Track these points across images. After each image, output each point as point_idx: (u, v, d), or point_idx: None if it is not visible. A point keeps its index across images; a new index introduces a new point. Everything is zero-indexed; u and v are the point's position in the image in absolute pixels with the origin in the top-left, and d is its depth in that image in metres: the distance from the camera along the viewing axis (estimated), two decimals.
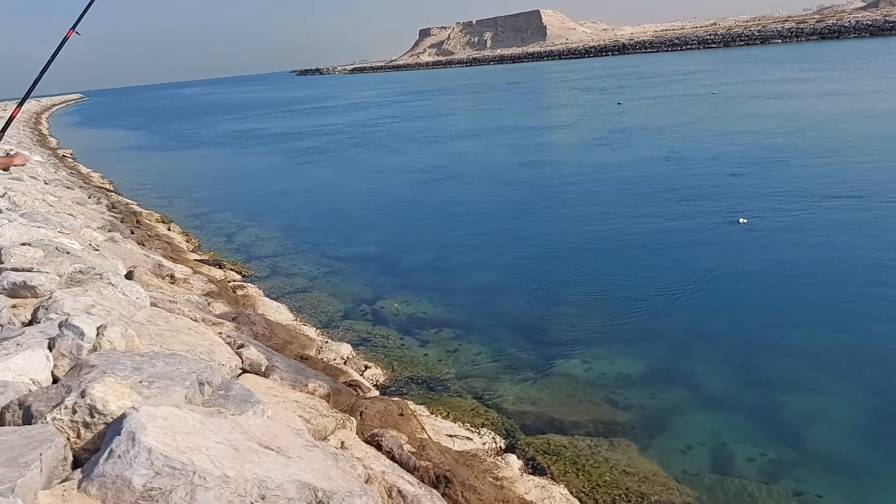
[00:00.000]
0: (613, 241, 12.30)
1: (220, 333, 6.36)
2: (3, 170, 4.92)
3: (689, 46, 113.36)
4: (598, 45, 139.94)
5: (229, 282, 10.92)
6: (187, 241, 14.68)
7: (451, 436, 5.99)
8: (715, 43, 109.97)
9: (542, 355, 8.06)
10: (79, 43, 5.62)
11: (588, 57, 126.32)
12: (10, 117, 5.55)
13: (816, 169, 16.33)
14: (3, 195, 11.56)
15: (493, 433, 6.32)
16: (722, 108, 30.09)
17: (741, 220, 12.46)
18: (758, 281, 9.84)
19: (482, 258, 12.15)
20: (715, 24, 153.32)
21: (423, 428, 5.79)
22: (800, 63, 54.38)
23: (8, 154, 4.93)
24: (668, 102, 34.98)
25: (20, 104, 5.79)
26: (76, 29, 5.59)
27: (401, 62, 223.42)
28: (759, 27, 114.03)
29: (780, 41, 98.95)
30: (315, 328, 9.22)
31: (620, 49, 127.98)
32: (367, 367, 7.81)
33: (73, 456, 3.31)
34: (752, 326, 8.42)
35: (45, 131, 54.71)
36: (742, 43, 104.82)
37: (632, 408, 6.76)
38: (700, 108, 31.15)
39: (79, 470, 3.14)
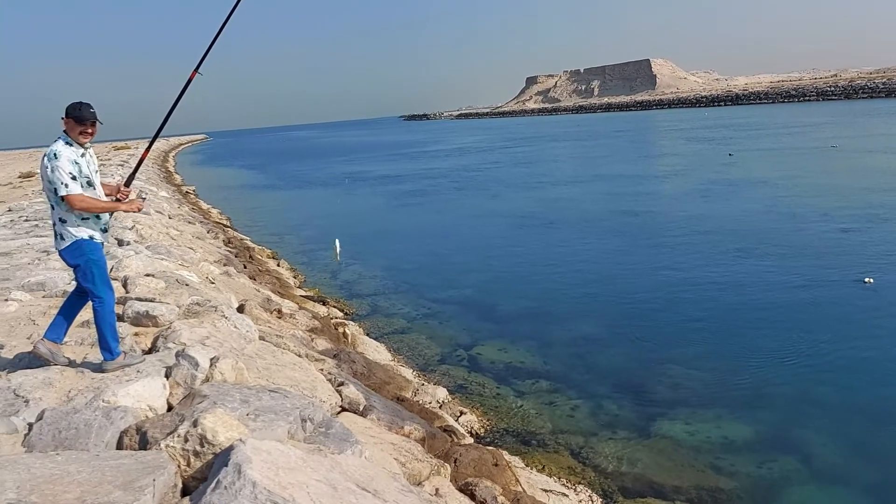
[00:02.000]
0: (721, 297, 11.81)
1: (322, 370, 6.51)
2: (136, 210, 5.25)
3: (806, 98, 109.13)
4: (710, 95, 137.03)
5: (332, 319, 11.21)
6: (294, 277, 15.23)
7: (546, 490, 5.85)
8: (835, 95, 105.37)
9: (642, 414, 7.79)
10: (204, 86, 5.97)
11: (699, 106, 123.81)
12: (140, 159, 5.96)
13: None
14: (132, 228, 12.41)
15: (589, 491, 6.12)
16: (842, 162, 28.67)
17: (867, 280, 11.71)
18: (885, 345, 9.18)
19: (580, 308, 11.94)
20: (836, 75, 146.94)
21: (517, 480, 5.69)
22: None
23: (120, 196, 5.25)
24: (783, 155, 33.65)
25: (149, 146, 6.20)
26: (199, 70, 5.91)
27: (507, 109, 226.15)
28: (885, 79, 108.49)
29: None
30: (412, 370, 9.30)
31: (733, 99, 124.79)
32: (462, 413, 7.77)
33: (182, 483, 3.45)
34: (874, 395, 7.84)
35: (171, 169, 58.53)
36: (865, 95, 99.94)
37: (738, 475, 6.40)
38: (818, 161, 29.80)
39: (187, 498, 3.26)
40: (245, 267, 13.72)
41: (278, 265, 16.47)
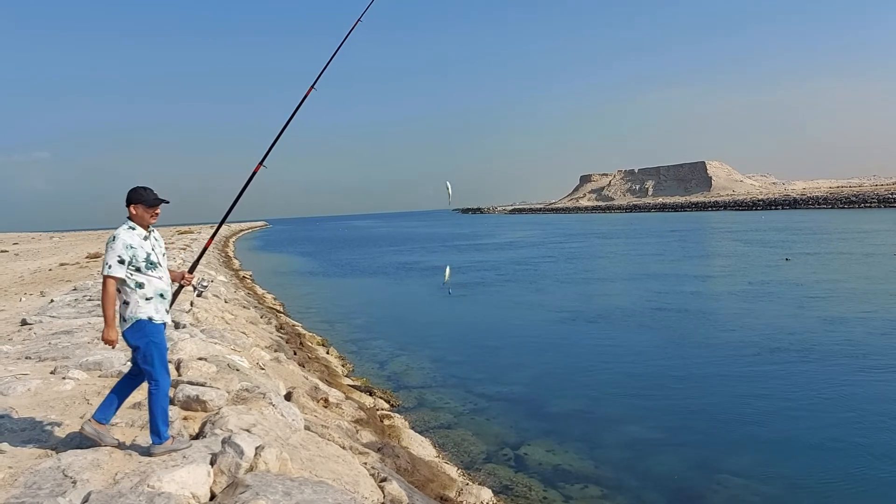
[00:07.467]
0: (779, 402, 11.31)
1: (366, 464, 6.41)
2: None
3: (867, 204, 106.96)
4: (767, 199, 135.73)
5: (377, 410, 11.11)
6: (343, 366, 15.25)
7: None
8: None
9: None
10: (266, 176, 6.21)
11: (756, 209, 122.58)
12: (204, 248, 6.21)
13: None
14: (189, 311, 12.71)
15: None
16: None
17: None
18: None
19: (632, 409, 11.57)
20: None
21: None
22: None
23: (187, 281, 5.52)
24: (843, 261, 32.75)
25: (212, 235, 6.46)
26: (263, 163, 6.18)
27: (560, 205, 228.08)
28: None
29: None
30: (457, 468, 9.06)
31: (791, 203, 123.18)
32: None
33: None
34: None
35: (230, 254, 60.30)
36: None
37: None
38: (882, 268, 28.91)
39: None
40: (295, 353, 13.82)
41: (328, 353, 16.55)
